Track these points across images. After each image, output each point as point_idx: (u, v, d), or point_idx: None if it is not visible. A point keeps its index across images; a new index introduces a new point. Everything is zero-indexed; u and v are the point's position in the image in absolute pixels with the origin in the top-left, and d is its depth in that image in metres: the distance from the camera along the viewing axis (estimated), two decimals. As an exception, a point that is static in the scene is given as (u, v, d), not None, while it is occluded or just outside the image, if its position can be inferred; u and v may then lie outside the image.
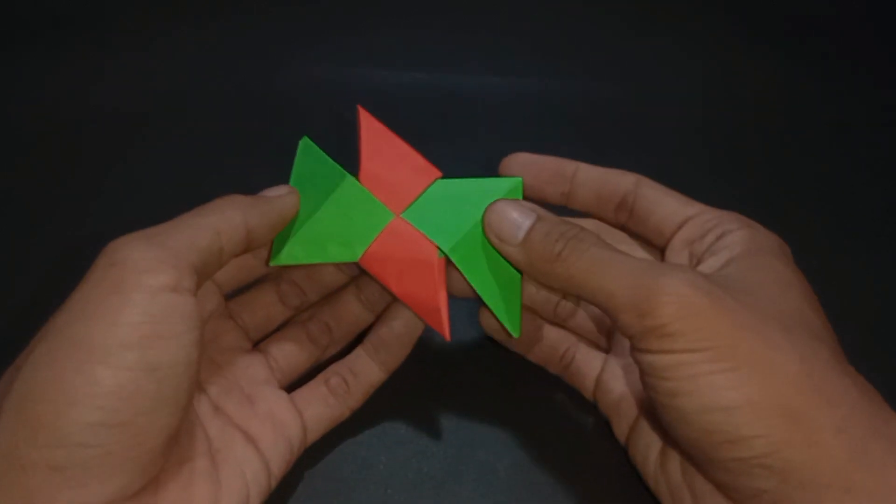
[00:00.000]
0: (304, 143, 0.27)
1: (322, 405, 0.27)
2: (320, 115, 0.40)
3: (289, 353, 0.28)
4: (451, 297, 0.26)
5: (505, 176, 0.27)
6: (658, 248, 0.27)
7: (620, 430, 0.27)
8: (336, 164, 0.26)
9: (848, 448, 0.20)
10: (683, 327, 0.20)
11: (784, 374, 0.20)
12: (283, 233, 0.25)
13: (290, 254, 0.25)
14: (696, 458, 0.22)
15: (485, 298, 0.25)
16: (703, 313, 0.20)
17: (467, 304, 0.32)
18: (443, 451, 0.28)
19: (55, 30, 0.43)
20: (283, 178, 0.36)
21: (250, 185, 0.27)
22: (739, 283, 0.22)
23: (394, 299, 0.27)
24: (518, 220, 0.24)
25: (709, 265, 0.24)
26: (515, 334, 0.26)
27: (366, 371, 0.27)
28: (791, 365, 0.20)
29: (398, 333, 0.27)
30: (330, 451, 0.28)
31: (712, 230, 0.25)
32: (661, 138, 0.40)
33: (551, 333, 0.29)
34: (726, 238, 0.24)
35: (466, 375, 0.30)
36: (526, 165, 0.27)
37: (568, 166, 0.28)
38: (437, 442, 0.29)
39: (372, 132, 0.26)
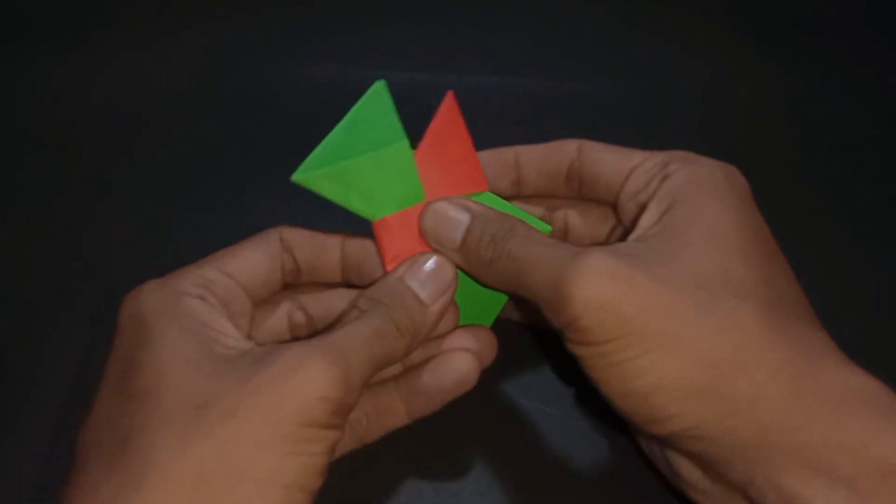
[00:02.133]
0: (378, 87, 0.26)
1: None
2: (320, 115, 0.39)
3: None
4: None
5: None
6: (613, 208, 0.27)
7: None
8: (400, 123, 0.25)
9: (768, 412, 0.19)
10: (591, 321, 0.20)
11: (691, 353, 0.20)
12: (318, 157, 0.24)
13: (316, 181, 0.24)
14: (641, 432, 0.23)
15: (463, 317, 0.26)
16: (608, 304, 0.20)
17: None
18: (443, 452, 0.28)
19: (55, 30, 0.43)
20: (283, 177, 0.36)
21: (250, 185, 0.27)
22: (660, 247, 0.22)
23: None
24: (455, 217, 0.24)
25: (645, 219, 0.23)
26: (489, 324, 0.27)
27: (390, 411, 0.25)
28: (699, 341, 0.20)
29: (445, 388, 0.25)
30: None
31: (655, 176, 0.24)
32: (661, 138, 0.40)
33: None
34: (666, 183, 0.23)
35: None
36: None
37: (507, 153, 0.27)
38: (438, 442, 0.29)
39: (449, 119, 0.26)
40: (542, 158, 0.27)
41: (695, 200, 0.22)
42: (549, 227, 0.26)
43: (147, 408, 0.20)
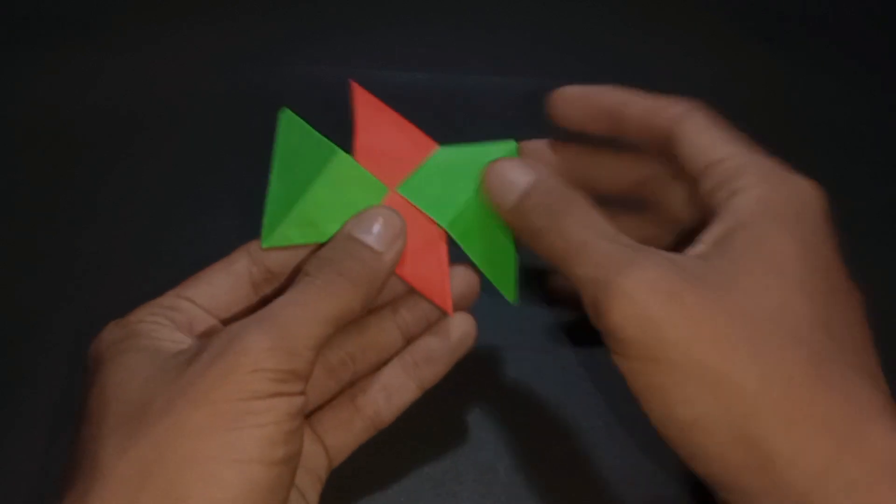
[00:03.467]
0: (286, 117, 0.25)
1: (346, 431, 0.25)
2: (320, 115, 0.39)
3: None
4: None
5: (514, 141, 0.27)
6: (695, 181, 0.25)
7: None
8: (324, 138, 0.25)
9: (808, 474, 0.18)
10: (633, 334, 0.19)
11: (738, 393, 0.18)
12: (272, 213, 0.24)
13: (284, 235, 0.24)
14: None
15: (483, 270, 0.25)
16: (656, 321, 0.19)
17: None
18: (443, 451, 0.28)
19: (55, 30, 0.43)
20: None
21: (250, 185, 0.27)
22: (721, 272, 0.20)
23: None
24: (513, 181, 0.23)
25: (708, 235, 0.21)
26: (513, 301, 0.25)
27: (402, 390, 0.26)
28: (748, 381, 0.18)
29: (452, 347, 0.26)
30: (330, 451, 0.28)
31: (726, 184, 0.22)
32: (661, 138, 0.40)
33: None
34: (736, 198, 0.21)
35: (467, 375, 0.30)
36: (572, 100, 0.26)
37: (616, 101, 0.25)
38: (438, 442, 0.29)
39: (366, 106, 0.26)
40: (644, 114, 0.24)
41: (762, 228, 0.21)
42: (515, 147, 0.26)
43: (93, 424, 0.20)
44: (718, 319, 0.19)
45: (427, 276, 0.24)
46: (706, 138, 0.23)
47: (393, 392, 0.25)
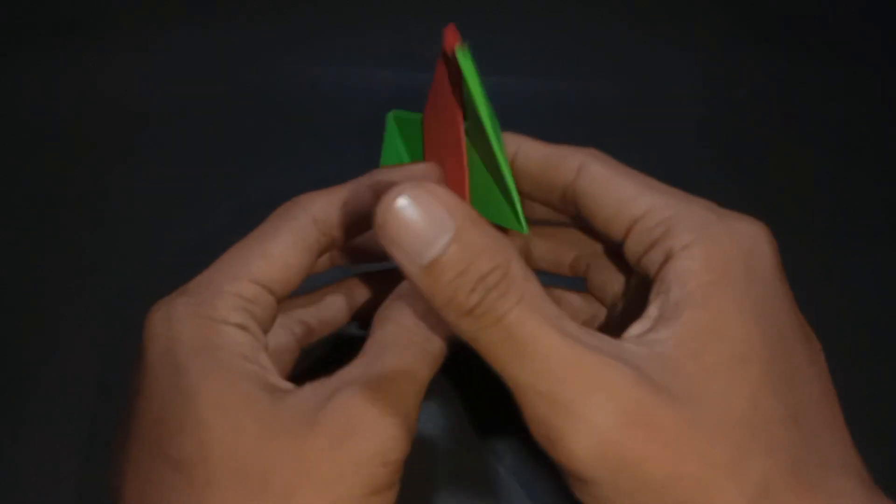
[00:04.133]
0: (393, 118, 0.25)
1: (284, 357, 0.24)
2: (320, 115, 0.39)
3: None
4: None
5: None
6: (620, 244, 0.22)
7: None
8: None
9: None
10: (603, 476, 0.17)
11: None
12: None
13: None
14: None
15: (484, 213, 0.21)
16: (634, 461, 0.16)
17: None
18: (443, 451, 0.28)
19: (55, 30, 0.43)
20: (282, 177, 0.36)
21: (250, 185, 0.27)
22: (685, 375, 0.17)
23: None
24: (429, 234, 0.16)
25: (654, 310, 0.19)
26: (526, 231, 0.21)
27: (333, 309, 0.26)
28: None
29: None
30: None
31: (658, 244, 0.19)
32: (661, 138, 0.40)
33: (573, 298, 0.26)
34: (675, 263, 0.19)
35: (467, 375, 0.30)
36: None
37: (508, 143, 0.23)
38: (438, 442, 0.29)
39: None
40: (539, 165, 0.22)
41: (713, 303, 0.18)
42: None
43: (195, 483, 0.17)
44: (699, 446, 0.16)
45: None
46: (617, 190, 0.20)
47: (324, 312, 0.25)
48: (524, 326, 0.16)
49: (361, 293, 0.27)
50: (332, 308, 0.26)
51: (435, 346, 0.20)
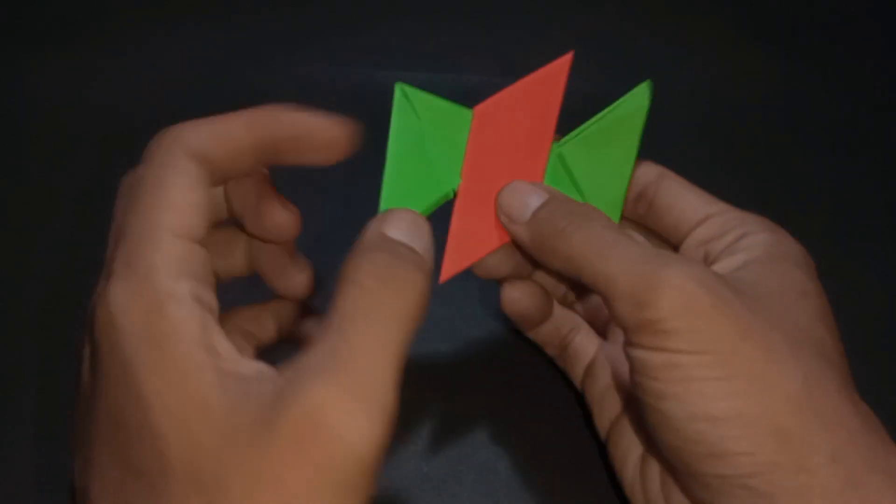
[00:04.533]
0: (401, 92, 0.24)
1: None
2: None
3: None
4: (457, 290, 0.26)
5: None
6: (674, 246, 0.26)
7: (602, 424, 0.26)
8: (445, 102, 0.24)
9: (842, 477, 0.18)
10: (682, 325, 0.19)
11: (782, 391, 0.19)
12: (393, 181, 0.24)
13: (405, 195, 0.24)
14: (677, 469, 0.21)
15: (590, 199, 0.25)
16: (706, 313, 0.19)
17: (467, 303, 0.32)
18: (443, 451, 0.28)
19: (55, 30, 0.43)
20: (282, 177, 0.36)
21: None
22: (753, 288, 0.21)
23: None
24: (530, 199, 0.23)
25: (724, 265, 0.22)
26: (616, 220, 0.25)
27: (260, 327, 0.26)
28: (791, 382, 0.19)
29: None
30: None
31: (733, 230, 0.23)
32: (661, 138, 0.40)
33: (557, 311, 0.28)
34: (747, 239, 0.23)
35: (467, 375, 0.30)
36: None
37: None
38: (437, 442, 0.29)
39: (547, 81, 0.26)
40: None
41: (779, 262, 0.22)
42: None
43: (157, 493, 0.17)
44: (760, 323, 0.19)
45: (465, 241, 0.24)
46: (695, 196, 0.25)
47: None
48: (608, 234, 0.21)
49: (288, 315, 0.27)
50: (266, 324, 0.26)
51: (409, 299, 0.18)
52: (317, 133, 0.23)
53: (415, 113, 0.23)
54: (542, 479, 0.28)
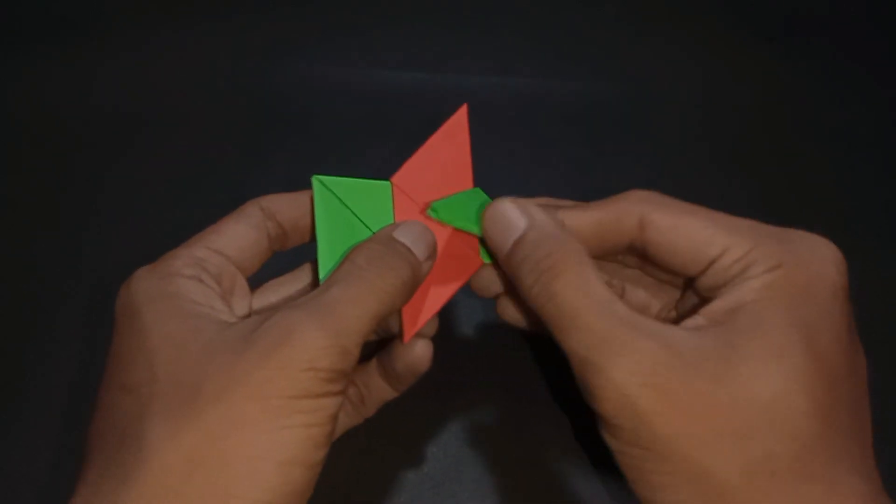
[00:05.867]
0: (319, 181, 0.25)
1: (343, 413, 0.26)
2: (320, 115, 0.39)
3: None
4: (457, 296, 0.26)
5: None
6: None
7: None
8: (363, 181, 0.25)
9: None
10: (624, 424, 0.19)
11: (720, 486, 0.19)
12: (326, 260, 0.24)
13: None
14: None
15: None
16: (646, 415, 0.19)
17: (466, 305, 0.32)
18: (443, 452, 0.28)
19: (55, 30, 0.43)
20: (281, 177, 0.36)
21: (250, 185, 0.27)
22: (717, 356, 0.19)
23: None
24: (510, 222, 0.23)
25: (710, 308, 0.21)
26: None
27: (378, 388, 0.26)
28: (731, 476, 0.19)
29: (413, 372, 0.25)
30: (330, 451, 0.28)
31: (736, 277, 0.21)
32: (661, 138, 0.40)
33: None
34: (747, 283, 0.21)
35: (466, 376, 0.30)
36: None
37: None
38: (437, 442, 0.29)
39: (452, 132, 0.26)
40: (595, 237, 0.23)
41: (765, 313, 0.20)
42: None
43: (141, 400, 0.19)
44: (708, 413, 0.19)
45: (417, 300, 0.24)
46: (689, 236, 0.22)
47: (373, 389, 0.26)
48: (570, 303, 0.20)
49: None
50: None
51: (386, 281, 0.21)
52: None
53: (336, 198, 0.25)
54: (541, 479, 0.28)
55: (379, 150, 0.37)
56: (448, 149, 0.26)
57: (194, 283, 0.22)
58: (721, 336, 0.20)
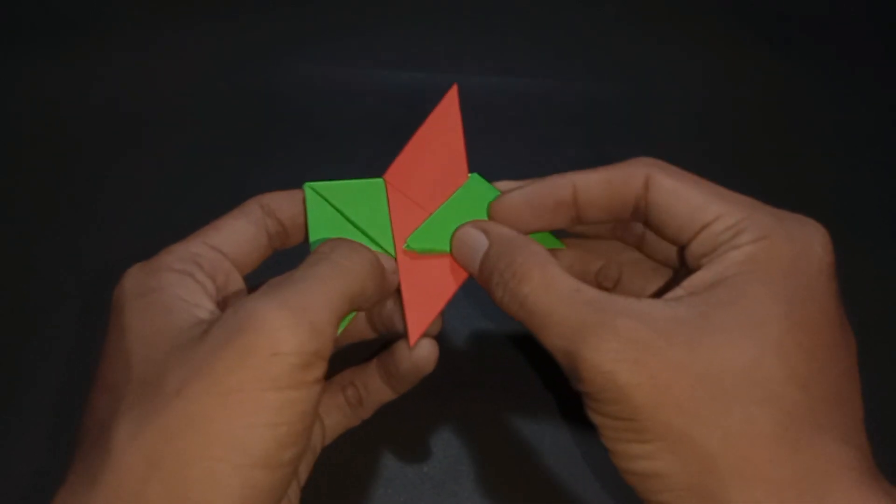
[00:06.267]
0: (310, 188, 0.25)
1: (340, 414, 0.26)
2: (320, 115, 0.40)
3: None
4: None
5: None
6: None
7: None
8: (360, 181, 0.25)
9: None
10: (605, 397, 0.20)
11: (699, 452, 0.19)
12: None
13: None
14: None
15: None
16: (624, 389, 0.19)
17: (465, 303, 0.32)
18: (443, 452, 0.28)
19: (55, 30, 0.43)
20: (281, 177, 0.36)
21: (250, 185, 0.27)
22: (692, 326, 0.20)
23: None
24: (472, 244, 0.24)
25: (692, 281, 0.21)
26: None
27: (377, 390, 0.26)
28: (710, 442, 0.19)
29: (416, 371, 0.25)
30: (330, 451, 0.28)
31: (723, 244, 0.21)
32: (661, 138, 0.40)
33: None
34: (732, 253, 0.21)
35: (466, 375, 0.30)
36: (517, 207, 0.24)
37: (563, 188, 0.24)
38: (437, 442, 0.29)
39: (442, 118, 0.26)
40: (604, 195, 0.23)
41: (744, 285, 0.20)
42: (562, 244, 0.26)
43: (115, 398, 0.19)
44: (683, 381, 0.19)
45: (421, 301, 0.24)
46: (685, 202, 0.22)
47: (372, 390, 0.26)
48: (540, 305, 0.21)
49: None
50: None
51: (352, 261, 0.22)
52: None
53: (328, 204, 0.25)
54: (542, 479, 0.28)
55: (379, 150, 0.37)
56: (440, 136, 0.26)
57: (182, 278, 0.21)
58: (696, 305, 0.20)
